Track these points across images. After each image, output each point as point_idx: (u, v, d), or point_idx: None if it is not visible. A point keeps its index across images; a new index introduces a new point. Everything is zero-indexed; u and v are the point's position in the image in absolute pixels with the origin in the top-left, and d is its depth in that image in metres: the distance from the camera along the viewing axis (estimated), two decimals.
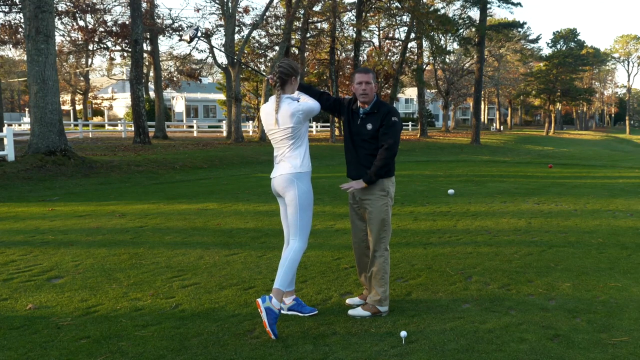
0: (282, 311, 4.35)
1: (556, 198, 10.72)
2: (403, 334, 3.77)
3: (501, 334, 3.89)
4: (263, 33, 34.89)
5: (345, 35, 37.20)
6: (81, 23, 31.02)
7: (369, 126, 4.18)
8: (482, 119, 63.37)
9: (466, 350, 3.61)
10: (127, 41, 28.24)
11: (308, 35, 33.25)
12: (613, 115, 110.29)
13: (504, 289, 4.94)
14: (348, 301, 4.51)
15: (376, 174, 4.15)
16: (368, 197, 4.25)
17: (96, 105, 56.61)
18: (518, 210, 9.27)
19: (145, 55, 27.39)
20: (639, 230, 7.54)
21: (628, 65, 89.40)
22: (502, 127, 69.54)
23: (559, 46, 65.78)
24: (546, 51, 67.37)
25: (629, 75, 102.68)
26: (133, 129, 23.86)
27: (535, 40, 60.68)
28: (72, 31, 31.35)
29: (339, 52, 38.50)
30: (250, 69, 37.66)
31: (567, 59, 61.17)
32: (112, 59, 37.55)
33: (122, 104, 57.69)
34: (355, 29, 34.67)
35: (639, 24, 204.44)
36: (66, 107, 51.61)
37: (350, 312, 4.23)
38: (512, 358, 3.49)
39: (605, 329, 3.96)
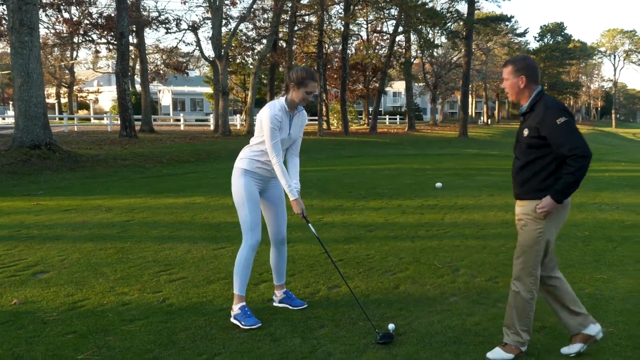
0: (274, 303, 4.35)
1: None
2: (391, 326, 3.78)
3: (488, 326, 3.92)
4: (250, 26, 34.72)
5: (333, 28, 37.14)
6: (66, 15, 30.61)
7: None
8: (470, 113, 63.51)
9: (453, 342, 3.63)
10: (112, 34, 27.92)
11: (296, 28, 33.15)
12: (599, 108, 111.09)
13: (491, 281, 4.97)
14: (563, 350, 3.51)
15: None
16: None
17: (82, 99, 56.01)
18: (505, 203, 9.33)
19: (131, 48, 27.12)
20: (625, 223, 7.62)
21: (614, 59, 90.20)
22: (489, 121, 69.83)
23: (546, 40, 66.19)
24: (533, 45, 67.80)
25: (615, 69, 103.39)
26: (119, 122, 23.66)
27: (523, 34, 60.80)
28: (57, 23, 30.97)
29: (326, 46, 38.39)
30: None
31: (554, 53, 61.59)
32: (97, 51, 37.16)
33: (108, 97, 57.14)
34: (343, 22, 34.62)
35: (625, 18, 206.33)
36: (51, 100, 50.98)
37: (489, 354, 3.43)
38: None
39: None
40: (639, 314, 4.14)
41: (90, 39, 31.45)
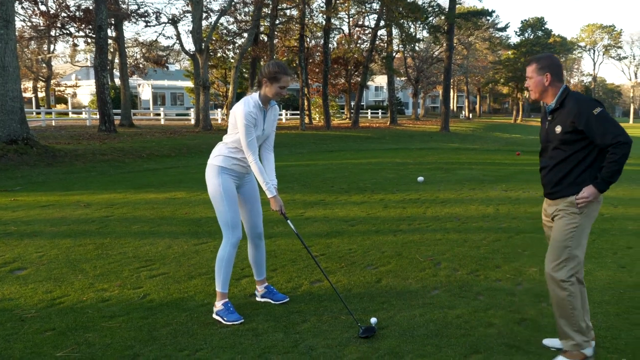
0: (256, 298, 4.33)
1: (524, 185, 10.91)
2: (373, 320, 3.79)
3: (469, 319, 3.95)
4: (231, 19, 34.43)
5: (314, 22, 37.01)
6: (42, 8, 30.06)
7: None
8: (452, 107, 63.91)
9: (435, 336, 3.65)
10: (90, 27, 27.52)
11: (277, 22, 32.94)
12: None
13: (472, 274, 5.00)
14: (545, 342, 3.59)
15: None
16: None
17: (59, 93, 55.13)
18: (486, 197, 9.41)
19: (109, 41, 26.78)
20: (603, 216, 7.73)
21: (594, 54, 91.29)
22: (471, 115, 70.33)
23: (526, 35, 66.63)
24: (514, 39, 68.50)
25: (594, 64, 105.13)
26: (98, 117, 23.36)
27: (504, 29, 61.39)
28: (33, 16, 30.36)
29: (308, 40, 38.30)
30: None
31: (535, 48, 62.06)
32: (75, 45, 36.62)
33: (86, 91, 56.33)
34: (324, 16, 34.54)
35: (604, 14, 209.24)
36: (28, 94, 50.12)
37: None
38: (480, 342, 3.54)
39: None
40: (617, 306, 4.20)
41: (68, 32, 30.94)
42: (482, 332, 3.70)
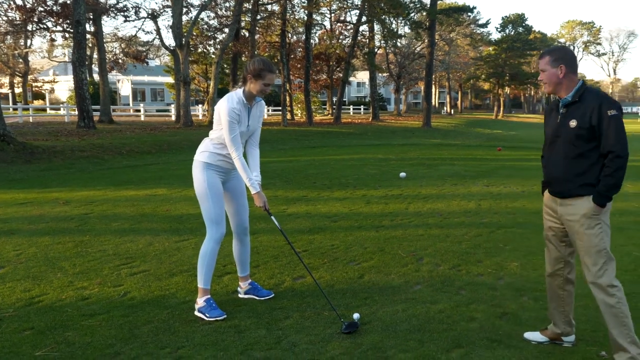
0: (239, 295, 4.31)
1: (505, 180, 11.01)
2: (356, 316, 3.79)
3: (452, 313, 3.97)
4: (212, 14, 34.18)
5: (296, 17, 36.89)
6: (19, 2, 29.51)
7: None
8: (433, 103, 64.26)
9: (418, 331, 3.66)
10: (68, 21, 27.07)
11: (258, 17, 32.76)
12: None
13: (454, 269, 5.03)
14: (527, 335, 3.59)
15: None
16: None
17: (37, 89, 54.21)
18: (468, 192, 9.47)
19: (88, 36, 26.37)
20: None
21: (573, 50, 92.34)
22: (452, 111, 70.81)
23: (507, 31, 67.18)
24: (495, 36, 68.79)
25: None
26: (77, 113, 23.02)
27: (485, 25, 61.83)
28: (9, 10, 29.81)
29: (290, 35, 38.20)
30: None
31: (516, 44, 62.66)
32: (52, 40, 35.94)
33: (64, 87, 55.48)
34: (306, 11, 34.42)
35: (584, 10, 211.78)
36: (4, 90, 49.30)
37: None
38: (462, 337, 3.56)
39: None
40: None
41: (45, 26, 30.41)
42: (464, 327, 3.72)
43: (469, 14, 47.94)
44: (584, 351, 3.38)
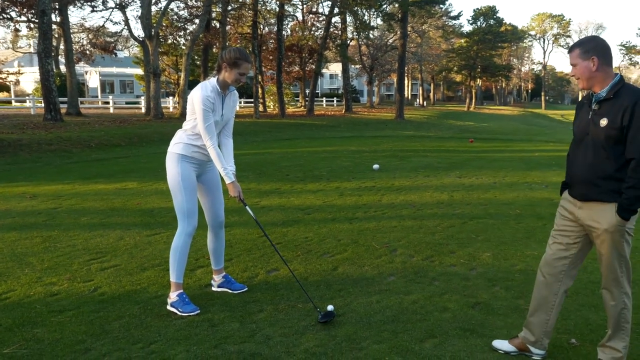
0: (212, 288, 4.27)
1: (477, 171, 11.14)
2: (330, 308, 3.79)
3: (425, 304, 3.99)
4: (182, 5, 33.63)
5: (267, 8, 36.59)
6: None
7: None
8: (406, 95, 64.53)
9: (392, 321, 3.67)
10: (33, 11, 26.38)
11: (229, 8, 32.40)
12: (530, 91, 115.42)
13: (427, 260, 5.07)
14: (495, 344, 3.35)
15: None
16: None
17: (1, 80, 52.81)
18: (441, 184, 9.55)
19: (54, 26, 25.74)
20: (554, 200, 7.97)
21: (544, 42, 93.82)
22: (425, 103, 71.28)
23: (479, 23, 67.78)
24: (467, 28, 69.38)
25: (544, 52, 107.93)
26: (43, 105, 22.48)
27: (457, 17, 62.11)
28: None
29: (261, 27, 37.84)
30: None
31: (487, 36, 63.33)
32: (17, 30, 34.97)
33: (30, 78, 54.09)
34: (278, 2, 34.16)
35: (553, 3, 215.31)
36: None
37: None
38: (436, 327, 3.59)
39: (522, 296, 4.15)
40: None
41: (9, 16, 29.53)
42: (437, 317, 3.75)
43: (441, 6, 48.26)
44: (554, 339, 3.44)
